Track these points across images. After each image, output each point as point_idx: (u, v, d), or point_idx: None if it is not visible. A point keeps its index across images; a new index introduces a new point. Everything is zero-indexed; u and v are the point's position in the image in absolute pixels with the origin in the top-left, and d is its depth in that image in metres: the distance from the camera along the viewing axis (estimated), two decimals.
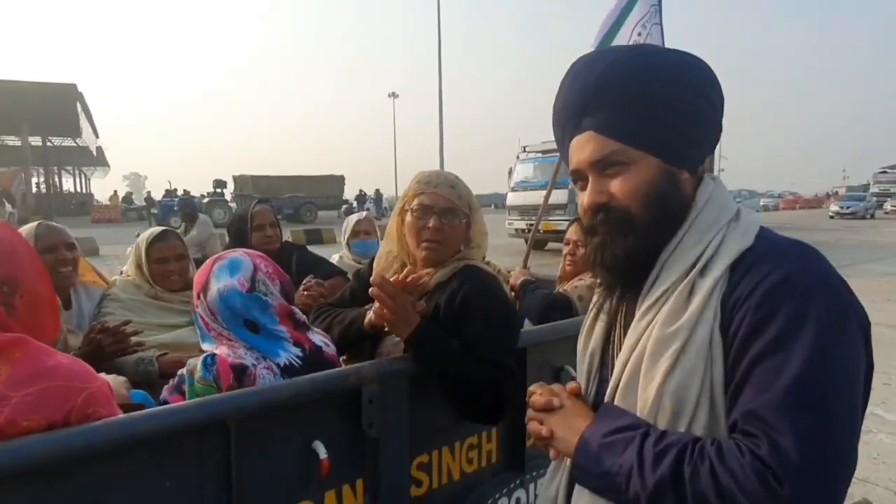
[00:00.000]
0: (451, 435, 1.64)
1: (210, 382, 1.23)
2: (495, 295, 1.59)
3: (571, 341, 2.00)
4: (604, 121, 0.91)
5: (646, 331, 0.88)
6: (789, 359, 0.74)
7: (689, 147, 0.92)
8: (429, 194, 1.61)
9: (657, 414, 0.84)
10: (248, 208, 2.79)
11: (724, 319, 0.82)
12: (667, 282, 0.89)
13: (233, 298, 1.30)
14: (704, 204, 0.92)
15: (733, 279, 0.83)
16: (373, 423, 1.39)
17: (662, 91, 0.89)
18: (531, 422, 1.02)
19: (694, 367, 0.81)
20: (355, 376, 1.36)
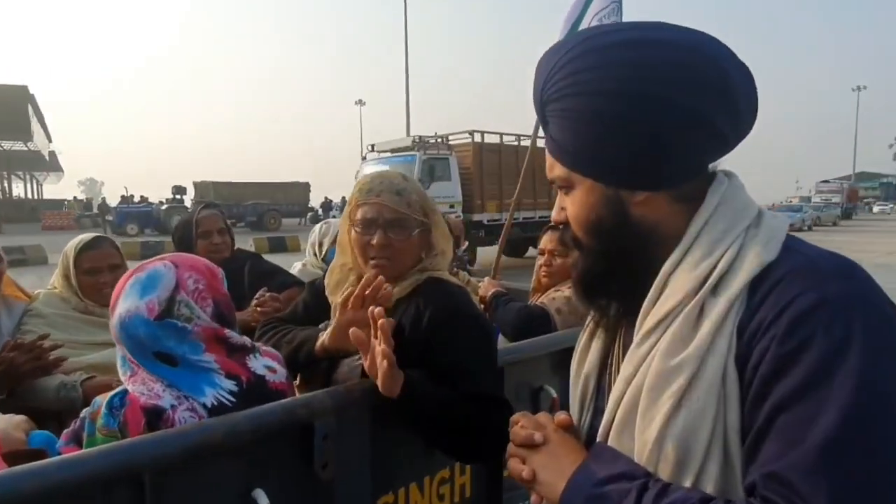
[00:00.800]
0: (420, 469, 1.44)
1: (114, 432, 0.99)
2: (468, 315, 1.40)
3: (551, 358, 1.86)
4: (550, 138, 0.81)
5: (645, 360, 0.73)
6: (824, 406, 0.59)
7: (649, 169, 0.75)
8: (371, 205, 1.39)
9: (658, 462, 0.69)
10: (195, 213, 2.54)
11: (742, 350, 0.67)
12: (671, 301, 0.73)
13: (135, 327, 1.06)
14: (715, 208, 0.76)
15: (753, 301, 0.68)
16: (327, 463, 1.18)
17: (606, 109, 0.73)
18: (511, 459, 0.86)
19: (703, 408, 0.67)
20: (305, 408, 1.15)
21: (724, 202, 0.76)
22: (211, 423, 1.02)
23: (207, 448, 0.99)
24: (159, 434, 0.96)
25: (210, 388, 1.08)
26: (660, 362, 0.70)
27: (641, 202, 0.76)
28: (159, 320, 1.07)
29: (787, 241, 0.72)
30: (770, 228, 0.73)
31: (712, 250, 0.72)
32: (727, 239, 0.73)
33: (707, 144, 0.75)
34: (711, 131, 0.73)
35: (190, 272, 1.15)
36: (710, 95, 0.71)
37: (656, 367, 0.70)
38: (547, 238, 2.22)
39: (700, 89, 0.71)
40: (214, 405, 1.07)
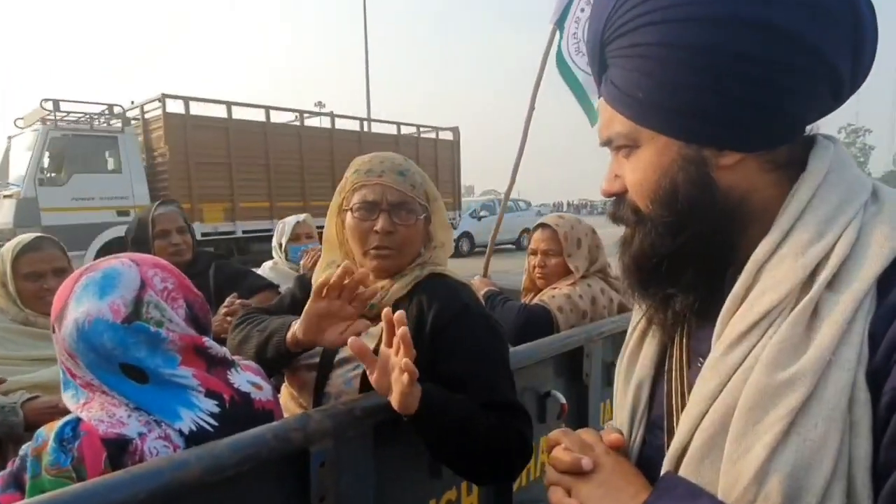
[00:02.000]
0: (425, 492, 1.27)
1: (67, 472, 0.77)
2: (476, 314, 1.24)
3: (556, 361, 1.73)
4: (612, 85, 0.65)
5: (736, 371, 0.57)
6: None
7: (744, 123, 0.59)
8: (372, 186, 1.22)
9: (753, 502, 0.53)
10: (150, 210, 2.30)
11: (877, 364, 0.52)
12: (769, 297, 0.57)
13: (98, 334, 0.85)
14: (823, 178, 0.60)
15: (886, 301, 0.53)
16: (325, 495, 1.00)
17: (697, 41, 0.57)
18: (553, 489, 0.68)
19: (823, 438, 0.51)
20: (300, 432, 0.96)
21: (834, 171, 0.60)
22: (186, 456, 0.82)
23: (183, 487, 0.80)
24: (121, 476, 0.76)
25: (186, 410, 0.88)
26: (762, 375, 0.54)
27: (730, 167, 0.61)
28: (128, 324, 0.87)
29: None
30: (895, 205, 0.58)
31: (823, 232, 0.57)
32: (842, 218, 0.58)
33: (821, 94, 0.59)
34: (832, 77, 0.58)
35: (155, 269, 0.95)
36: (836, 27, 0.56)
37: (758, 381, 0.55)
38: (538, 236, 2.09)
39: (824, 16, 0.55)
40: (193, 431, 0.87)
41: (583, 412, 1.75)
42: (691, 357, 0.68)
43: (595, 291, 1.97)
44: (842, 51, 0.57)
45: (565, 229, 2.03)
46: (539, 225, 2.14)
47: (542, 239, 2.07)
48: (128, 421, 0.83)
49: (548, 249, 2.05)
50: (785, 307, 0.57)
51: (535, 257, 2.10)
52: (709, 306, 0.64)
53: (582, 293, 1.93)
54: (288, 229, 2.73)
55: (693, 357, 0.68)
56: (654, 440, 0.70)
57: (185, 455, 0.83)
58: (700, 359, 0.66)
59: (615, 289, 2.07)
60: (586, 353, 1.74)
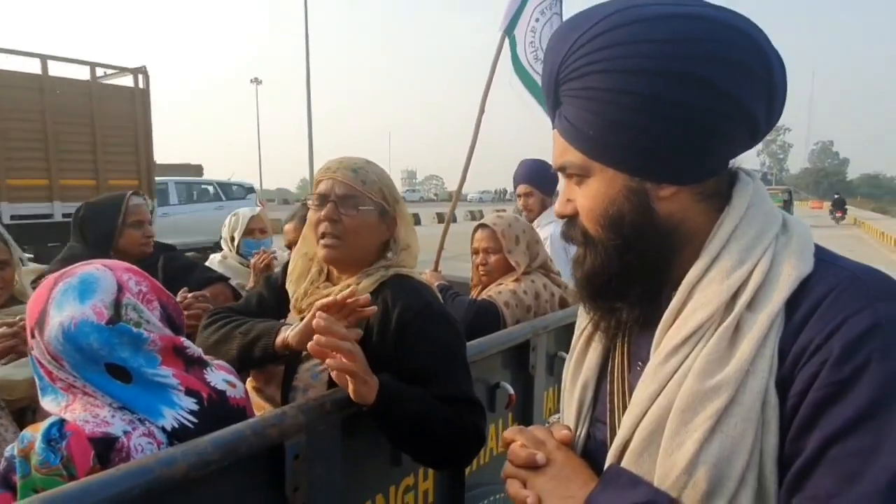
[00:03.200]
0: (387, 479, 1.36)
1: (57, 470, 0.81)
2: (437, 312, 1.33)
3: (504, 355, 1.85)
4: (565, 120, 0.73)
5: (672, 377, 0.67)
6: (886, 438, 0.55)
7: (679, 161, 0.68)
8: (326, 181, 1.35)
9: (684, 489, 0.63)
10: (123, 200, 2.22)
11: (784, 373, 0.62)
12: (700, 314, 0.67)
13: (85, 336, 0.89)
14: (745, 211, 0.70)
15: (794, 319, 0.63)
16: (298, 485, 1.07)
17: (639, 89, 0.65)
18: (510, 481, 0.77)
19: (741, 435, 0.61)
20: (276, 427, 1.03)
21: (754, 205, 0.70)
22: (174, 452, 0.87)
23: (171, 483, 0.85)
24: (114, 473, 0.80)
25: (168, 409, 0.92)
26: (695, 382, 0.64)
27: (667, 197, 0.70)
28: (112, 325, 0.91)
29: (817, 251, 0.68)
30: (800, 236, 0.69)
31: (743, 259, 0.67)
32: (759, 247, 0.68)
33: (741, 136, 0.69)
34: (750, 122, 0.67)
35: (128, 274, 0.99)
36: (754, 81, 0.65)
37: (690, 387, 0.64)
38: (479, 236, 2.21)
39: (745, 73, 0.65)
40: (175, 428, 0.92)
41: (528, 401, 1.89)
42: (631, 361, 0.78)
43: (538, 287, 2.10)
44: (758, 99, 0.67)
45: (502, 227, 2.15)
46: (479, 225, 2.25)
47: (482, 238, 2.19)
48: (112, 420, 0.87)
49: (488, 248, 2.17)
50: (712, 324, 0.66)
51: (477, 256, 2.21)
52: (648, 317, 0.74)
53: (526, 289, 2.06)
54: (242, 222, 2.69)
55: (633, 361, 0.77)
56: (597, 434, 0.80)
57: (172, 452, 0.88)
58: (639, 363, 0.75)
59: (557, 284, 2.21)
60: (532, 346, 1.87)
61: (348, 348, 1.07)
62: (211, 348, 1.30)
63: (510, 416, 1.83)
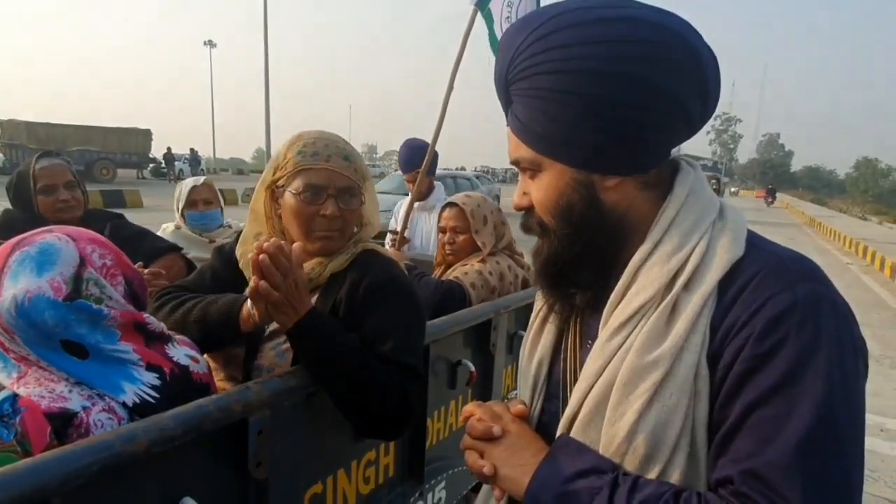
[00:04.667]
0: (349, 454, 1.37)
1: (11, 447, 0.78)
2: (403, 286, 1.34)
3: (466, 333, 1.87)
4: (515, 118, 0.77)
5: (615, 354, 0.73)
6: (798, 405, 0.62)
7: (621, 154, 0.73)
8: (319, 171, 1.26)
9: (625, 454, 0.70)
10: (31, 164, 2.10)
11: (714, 348, 0.68)
12: (642, 295, 0.73)
13: (39, 311, 0.85)
14: (685, 199, 0.75)
15: (724, 298, 0.69)
16: (261, 461, 1.06)
17: (581, 89, 0.69)
18: (468, 452, 0.82)
19: (676, 404, 0.67)
20: (240, 403, 1.01)
21: (693, 193, 0.76)
22: (135, 428, 0.85)
23: (132, 459, 0.83)
24: (72, 448, 0.78)
25: (129, 384, 0.90)
26: (635, 358, 0.70)
27: (612, 187, 0.75)
28: (69, 302, 0.87)
29: (749, 236, 0.74)
30: (734, 223, 0.75)
31: (682, 244, 0.73)
32: (696, 232, 0.73)
33: (678, 128, 0.73)
34: (684, 115, 0.72)
35: (92, 245, 0.94)
36: (686, 77, 0.70)
37: (631, 362, 0.70)
38: (447, 214, 2.21)
39: (676, 70, 0.69)
40: (136, 403, 0.89)
41: (488, 378, 1.93)
42: (583, 340, 0.83)
43: (503, 268, 2.13)
44: (691, 94, 0.71)
45: (472, 207, 2.16)
46: (447, 204, 2.25)
47: (451, 217, 2.19)
48: (69, 395, 0.84)
49: (455, 226, 2.17)
50: (653, 303, 0.72)
51: (444, 234, 2.22)
52: (599, 299, 0.79)
53: (492, 270, 2.09)
54: (184, 193, 2.53)
55: (584, 340, 0.83)
56: (550, 407, 0.85)
57: (133, 427, 0.86)
58: (589, 341, 0.81)
59: (520, 265, 2.25)
60: (494, 325, 1.90)
61: (279, 281, 1.07)
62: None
63: (470, 392, 1.86)
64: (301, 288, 1.12)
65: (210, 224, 2.59)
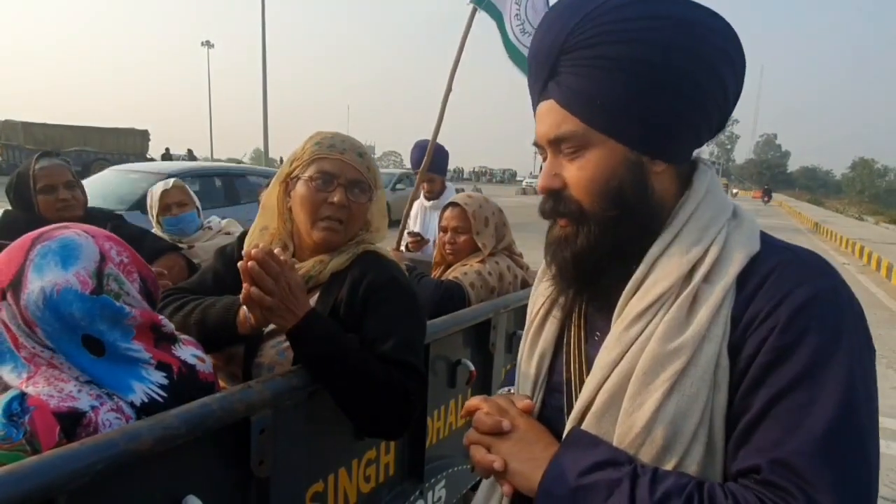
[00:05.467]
0: (350, 453, 1.38)
1: (20, 446, 0.78)
2: (404, 286, 1.34)
3: (466, 332, 1.88)
4: (568, 89, 0.73)
5: (634, 343, 0.72)
6: (821, 395, 0.62)
7: (675, 138, 0.74)
8: (333, 160, 1.30)
9: (642, 445, 0.69)
10: (31, 165, 2.11)
11: (735, 338, 0.68)
12: (661, 285, 0.72)
13: (67, 304, 0.85)
14: (704, 195, 0.76)
15: (744, 291, 0.69)
16: (263, 459, 1.07)
17: (657, 61, 0.69)
18: (475, 448, 0.80)
19: (696, 393, 0.67)
20: (243, 403, 1.02)
21: (710, 191, 0.77)
22: (139, 427, 0.86)
23: (136, 457, 0.84)
24: (77, 447, 0.78)
25: (138, 383, 0.90)
26: (657, 345, 0.69)
27: (658, 173, 0.75)
28: (96, 296, 0.88)
29: (762, 235, 0.75)
30: (749, 221, 0.76)
31: (701, 237, 0.73)
32: (713, 228, 0.74)
33: (714, 122, 0.76)
34: (723, 109, 0.75)
35: (110, 242, 0.95)
36: (735, 73, 0.73)
37: (653, 350, 0.69)
38: (449, 214, 2.21)
39: (730, 64, 0.72)
40: (145, 402, 0.90)
41: (488, 378, 1.93)
42: (588, 333, 0.82)
43: (502, 268, 2.14)
44: (735, 90, 0.75)
45: (474, 208, 2.17)
46: (449, 204, 2.26)
47: (452, 217, 2.20)
48: (78, 395, 0.85)
49: (457, 227, 2.18)
50: (672, 293, 0.72)
51: (445, 234, 2.22)
52: (605, 292, 0.78)
53: (491, 270, 2.10)
54: (156, 199, 2.46)
55: (590, 333, 0.82)
56: (552, 402, 0.84)
57: (138, 426, 0.86)
58: (597, 333, 0.80)
59: (520, 265, 2.26)
60: (493, 324, 1.91)
61: (271, 286, 1.09)
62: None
63: (470, 391, 1.87)
64: (297, 291, 1.13)
65: (187, 227, 2.51)
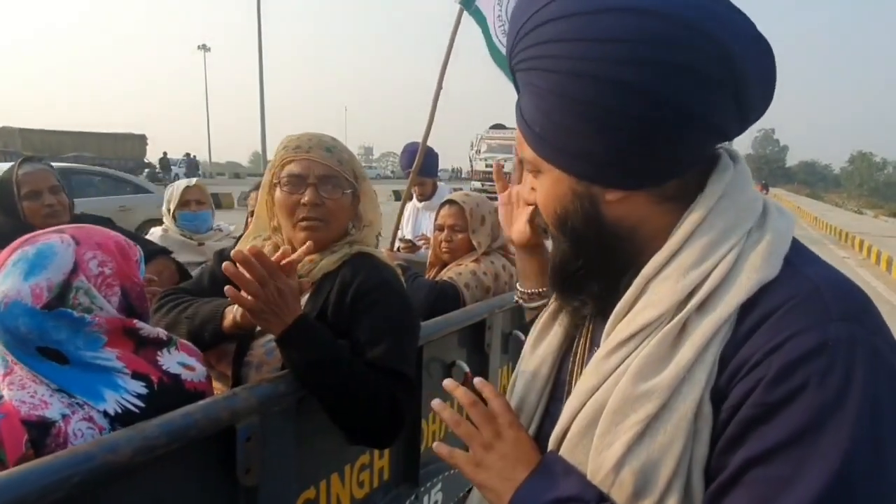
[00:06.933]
0: (342, 458, 1.35)
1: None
2: (393, 289, 1.32)
3: (461, 333, 1.86)
4: (520, 111, 0.68)
5: (611, 375, 0.64)
6: (807, 471, 0.51)
7: (625, 169, 0.62)
8: (300, 161, 1.28)
9: (612, 486, 0.62)
10: (14, 170, 2.09)
11: (721, 385, 0.58)
12: (649, 312, 0.63)
13: (13, 317, 0.83)
14: (717, 202, 0.63)
15: (742, 327, 0.58)
16: (251, 467, 1.04)
17: (574, 89, 0.59)
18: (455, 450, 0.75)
19: (670, 443, 0.58)
20: (228, 410, 1.00)
21: (728, 195, 0.64)
22: (118, 438, 0.83)
23: (115, 469, 0.81)
24: (52, 460, 0.76)
25: (111, 392, 0.88)
26: (628, 384, 0.61)
27: (616, 201, 0.65)
28: (48, 310, 0.85)
29: (791, 251, 0.62)
30: (775, 233, 0.62)
31: (705, 256, 0.62)
32: (725, 243, 0.62)
33: (700, 139, 0.62)
34: (707, 126, 0.60)
35: (94, 251, 0.92)
36: (707, 87, 0.58)
37: (623, 389, 0.61)
38: (446, 212, 2.19)
39: (693, 79, 0.57)
40: (118, 412, 0.87)
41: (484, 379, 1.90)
42: (591, 345, 0.76)
43: (497, 268, 2.11)
44: (715, 103, 0.59)
45: (471, 206, 2.14)
46: (446, 201, 2.23)
47: (449, 215, 2.17)
48: (50, 401, 0.82)
49: (454, 225, 2.16)
50: (660, 323, 0.62)
51: (441, 232, 2.20)
52: (610, 306, 0.70)
53: (486, 270, 2.07)
54: (177, 194, 2.56)
55: (593, 345, 0.76)
56: (554, 411, 0.78)
57: (116, 437, 0.84)
58: (596, 347, 0.73)
59: (514, 265, 2.23)
60: (488, 325, 1.88)
61: (254, 289, 1.07)
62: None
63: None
64: (287, 296, 1.11)
65: (201, 225, 2.61)
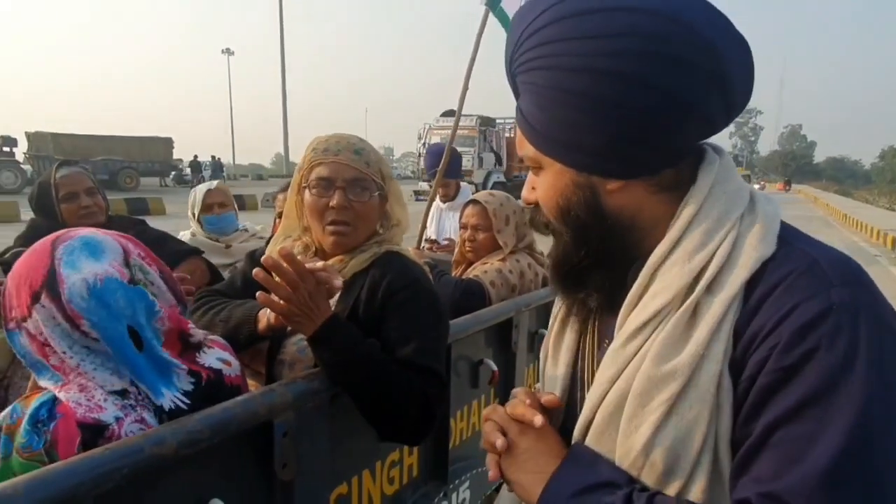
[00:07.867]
0: (373, 455, 1.38)
1: (38, 456, 0.79)
2: (424, 288, 1.33)
3: (488, 332, 1.87)
4: (519, 111, 0.72)
5: (631, 361, 0.67)
6: (825, 426, 0.55)
7: (623, 158, 0.67)
8: (328, 164, 1.30)
9: (642, 468, 0.65)
10: (52, 174, 2.15)
11: (737, 357, 0.62)
12: (661, 298, 0.66)
13: (112, 292, 0.86)
14: (709, 191, 0.68)
15: (750, 302, 0.62)
16: (287, 462, 1.07)
17: (573, 83, 0.64)
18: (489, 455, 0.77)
19: (696, 418, 0.62)
20: (265, 406, 1.02)
21: (718, 184, 0.69)
22: (163, 431, 0.86)
23: (161, 461, 0.84)
24: (102, 452, 0.79)
25: (167, 388, 0.91)
26: (650, 367, 0.64)
27: (616, 190, 0.69)
28: (133, 285, 0.90)
29: (782, 231, 0.67)
30: (766, 216, 0.67)
31: (706, 241, 0.66)
32: (721, 229, 0.66)
33: (690, 129, 0.67)
34: (696, 115, 0.65)
35: (123, 239, 0.96)
36: (695, 76, 0.63)
37: (646, 371, 0.64)
38: (469, 212, 2.20)
39: (683, 69, 0.62)
40: (172, 409, 0.91)
41: (510, 377, 1.92)
42: (600, 340, 0.78)
43: (523, 266, 2.12)
44: (703, 91, 0.64)
45: (494, 206, 2.15)
46: (470, 201, 2.24)
47: (473, 214, 2.18)
48: (105, 405, 0.85)
49: (477, 224, 2.17)
50: (672, 307, 0.66)
51: (465, 231, 2.21)
52: (615, 298, 0.73)
53: (512, 268, 2.08)
54: (199, 199, 2.57)
55: (602, 340, 0.78)
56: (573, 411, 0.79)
57: (162, 430, 0.87)
58: (606, 341, 0.76)
59: (541, 263, 2.23)
60: (515, 323, 1.89)
61: (286, 294, 1.09)
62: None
63: (493, 391, 1.86)
64: (317, 298, 1.13)
65: (227, 227, 2.61)
